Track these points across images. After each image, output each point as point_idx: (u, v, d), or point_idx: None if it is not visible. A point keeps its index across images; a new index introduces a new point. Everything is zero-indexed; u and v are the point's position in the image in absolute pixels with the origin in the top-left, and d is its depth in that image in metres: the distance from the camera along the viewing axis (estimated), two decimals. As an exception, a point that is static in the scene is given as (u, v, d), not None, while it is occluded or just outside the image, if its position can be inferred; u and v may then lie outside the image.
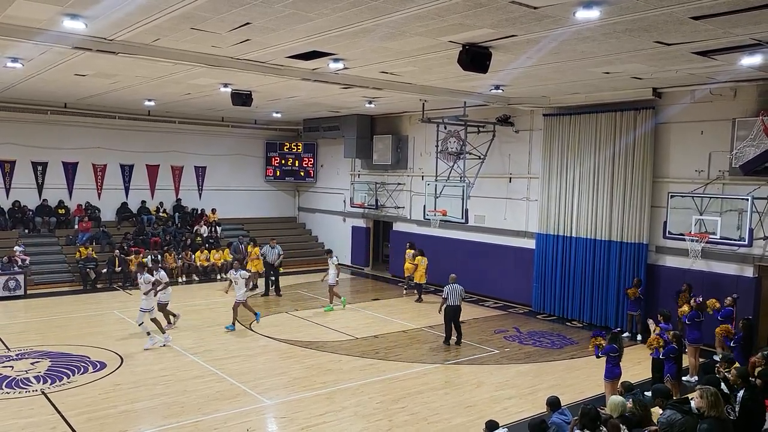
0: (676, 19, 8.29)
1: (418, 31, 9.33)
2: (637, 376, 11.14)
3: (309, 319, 15.82)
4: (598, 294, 15.84)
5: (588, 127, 15.96)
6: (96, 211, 22.03)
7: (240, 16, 8.78)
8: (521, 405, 10.14)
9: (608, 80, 13.20)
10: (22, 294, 17.77)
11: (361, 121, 22.40)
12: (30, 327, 14.64)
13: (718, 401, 6.18)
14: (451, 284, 13.73)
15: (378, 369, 11.91)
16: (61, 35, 9.95)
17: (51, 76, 14.59)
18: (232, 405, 9.89)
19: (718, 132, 13.74)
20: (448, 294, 13.59)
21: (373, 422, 9.33)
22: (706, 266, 14.00)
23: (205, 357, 12.35)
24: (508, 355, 13.05)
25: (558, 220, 16.73)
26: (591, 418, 6.25)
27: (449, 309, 13.61)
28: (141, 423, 9.19)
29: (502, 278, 18.48)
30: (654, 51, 10.18)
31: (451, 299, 13.56)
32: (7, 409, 9.50)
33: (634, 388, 7.91)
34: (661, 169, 14.85)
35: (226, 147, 25.07)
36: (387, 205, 22.48)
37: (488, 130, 18.43)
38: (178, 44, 10.68)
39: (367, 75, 13.36)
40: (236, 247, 21.21)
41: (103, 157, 22.33)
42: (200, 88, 16.23)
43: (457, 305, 13.64)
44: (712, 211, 13.40)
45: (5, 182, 20.66)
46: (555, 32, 9.13)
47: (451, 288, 13.64)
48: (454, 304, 13.58)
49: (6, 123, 20.26)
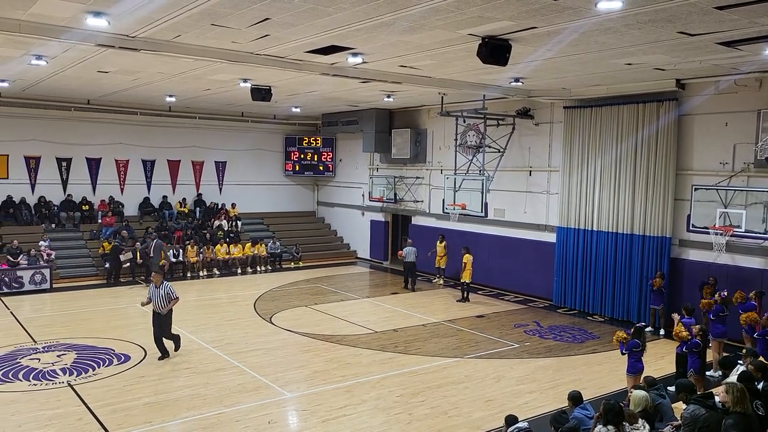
0: (700, 9, 8.15)
1: (436, 24, 9.29)
2: (660, 370, 11.04)
3: (329, 313, 15.90)
4: (620, 288, 15.69)
5: (609, 120, 15.78)
6: (119, 206, 22.33)
7: (259, 11, 8.82)
8: (542, 399, 10.10)
9: (630, 72, 13.02)
10: (48, 288, 18.11)
11: (379, 115, 22.39)
12: (56, 320, 14.92)
13: (744, 397, 6.10)
14: (408, 246, 19.26)
15: (397, 363, 11.93)
16: (84, 32, 10.08)
17: (74, 73, 14.79)
18: (253, 397, 9.99)
19: (742, 123, 13.50)
20: (406, 253, 19.11)
21: (393, 415, 9.36)
22: (730, 260, 13.79)
23: (226, 350, 12.47)
24: (529, 350, 13.00)
25: (579, 213, 16.58)
26: (614, 413, 6.20)
27: (406, 264, 19.21)
28: (165, 415, 9.32)
29: (523, 272, 18.39)
30: (677, 42, 10.02)
31: (408, 257, 19.06)
32: (35, 400, 9.70)
33: (657, 383, 7.83)
34: (685, 162, 14.64)
35: (245, 142, 25.24)
36: (406, 199, 22.46)
37: (508, 123, 18.31)
38: (199, 40, 10.76)
39: (386, 69, 13.34)
40: (158, 245, 19.10)
41: (125, 153, 22.62)
42: (220, 84, 16.34)
43: (413, 261, 19.09)
44: (736, 204, 13.20)
45: (31, 178, 21.02)
46: (576, 23, 9.03)
47: (409, 249, 19.16)
48: (410, 260, 19.08)
49: (31, 120, 20.61)
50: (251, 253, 22.15)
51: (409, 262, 19.18)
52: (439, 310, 16.39)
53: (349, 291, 18.79)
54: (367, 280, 21.25)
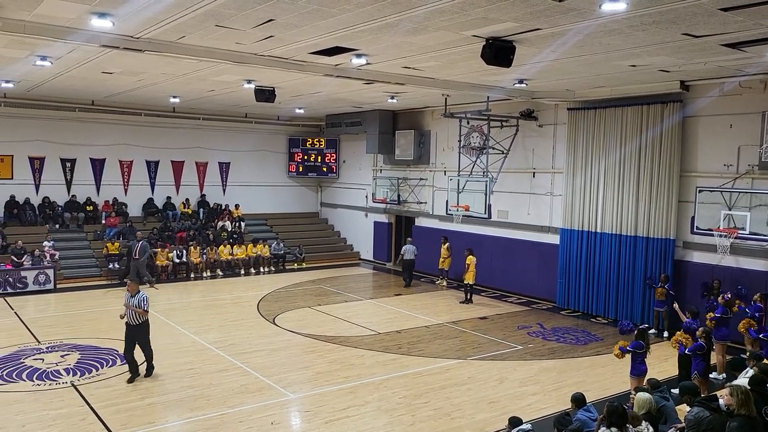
0: (705, 10, 8.13)
1: (440, 25, 9.29)
2: (664, 373, 11.00)
3: (332, 314, 15.90)
4: (623, 290, 15.65)
5: (613, 121, 15.75)
6: (123, 206, 22.38)
7: (264, 12, 8.84)
8: (545, 401, 10.08)
9: (634, 73, 13.00)
10: (52, 288, 18.16)
11: (383, 116, 22.40)
12: (60, 320, 14.95)
13: (749, 399, 6.07)
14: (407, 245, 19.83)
15: (401, 364, 11.92)
16: (89, 33, 10.11)
17: (79, 74, 14.84)
18: (256, 398, 9.99)
19: (747, 125, 13.47)
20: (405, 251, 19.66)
21: (396, 417, 9.35)
22: (734, 262, 13.76)
23: (229, 351, 12.48)
24: (532, 351, 12.98)
25: (583, 215, 16.55)
26: (617, 415, 6.18)
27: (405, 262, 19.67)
28: (168, 415, 9.34)
29: (526, 274, 18.36)
30: (682, 43, 10.01)
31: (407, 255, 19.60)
32: (39, 400, 9.71)
33: (660, 385, 7.81)
34: (689, 164, 14.61)
35: (249, 143, 25.28)
36: (409, 200, 22.46)
37: (511, 124, 18.29)
38: (203, 41, 10.78)
39: (390, 70, 13.35)
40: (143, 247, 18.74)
41: (129, 154, 22.67)
42: (224, 85, 16.37)
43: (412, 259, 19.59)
44: (741, 206, 13.17)
45: (35, 178, 21.08)
46: (580, 25, 9.02)
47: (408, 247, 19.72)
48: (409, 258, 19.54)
49: (35, 120, 20.67)
50: (254, 254, 22.16)
51: (408, 260, 19.57)
52: (442, 312, 16.37)
53: (353, 292, 18.79)
54: (370, 282, 21.25)
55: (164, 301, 17.14)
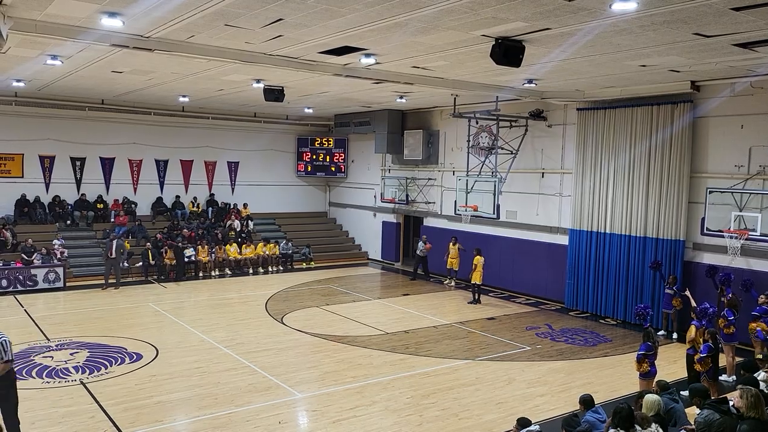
0: (716, 10, 8.07)
1: (450, 25, 9.27)
2: (673, 374, 10.93)
3: (340, 314, 15.91)
4: (632, 291, 15.56)
5: (623, 122, 15.67)
6: (132, 205, 22.49)
7: (273, 12, 8.85)
8: (553, 402, 10.04)
9: (645, 73, 12.93)
10: (62, 286, 18.27)
11: (392, 116, 22.39)
12: (69, 318, 15.04)
13: (759, 402, 6.01)
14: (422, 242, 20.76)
15: (408, 364, 11.91)
16: (99, 33, 10.16)
17: (89, 73, 14.92)
18: (264, 397, 10.00)
19: (758, 126, 13.36)
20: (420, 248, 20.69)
21: (404, 417, 9.34)
22: (745, 264, 13.65)
23: (237, 350, 12.51)
24: (540, 352, 12.93)
25: (592, 215, 16.47)
26: (622, 417, 6.15)
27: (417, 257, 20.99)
28: (176, 413, 9.37)
29: (534, 274, 18.30)
30: (693, 43, 9.94)
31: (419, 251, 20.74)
32: (48, 398, 9.77)
33: (670, 387, 7.76)
34: (699, 164, 14.51)
35: (258, 142, 25.32)
36: (418, 200, 22.44)
37: (520, 124, 18.23)
38: (212, 41, 10.81)
39: (399, 70, 13.34)
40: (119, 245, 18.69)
41: (139, 153, 22.77)
42: (233, 84, 16.41)
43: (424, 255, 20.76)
44: (752, 207, 13.08)
45: (45, 177, 21.22)
46: (590, 25, 8.98)
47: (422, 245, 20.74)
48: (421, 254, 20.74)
49: (45, 119, 20.79)
50: (263, 254, 22.21)
51: (421, 256, 20.54)
52: (450, 312, 16.34)
53: (361, 292, 18.79)
54: (378, 281, 21.25)
55: (173, 300, 17.22)
